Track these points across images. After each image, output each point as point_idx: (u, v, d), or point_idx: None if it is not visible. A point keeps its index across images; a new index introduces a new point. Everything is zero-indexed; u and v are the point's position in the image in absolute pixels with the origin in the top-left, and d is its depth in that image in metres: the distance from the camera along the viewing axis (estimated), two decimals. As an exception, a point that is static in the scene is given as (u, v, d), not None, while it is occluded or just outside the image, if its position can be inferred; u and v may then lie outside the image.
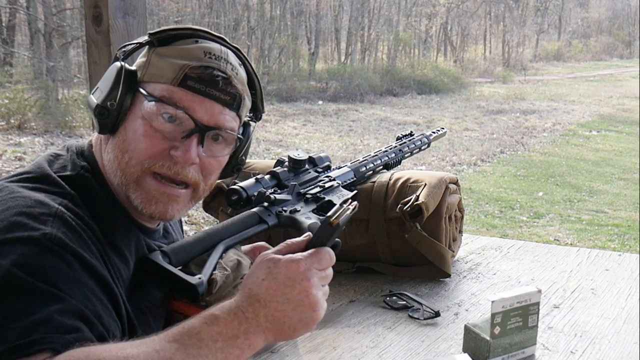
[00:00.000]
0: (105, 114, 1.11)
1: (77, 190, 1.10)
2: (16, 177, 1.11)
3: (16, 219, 0.99)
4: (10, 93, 10.17)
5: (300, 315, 0.95)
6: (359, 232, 1.73)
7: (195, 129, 1.11)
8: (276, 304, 0.94)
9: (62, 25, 11.69)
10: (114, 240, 1.12)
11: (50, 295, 0.93)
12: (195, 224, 5.95)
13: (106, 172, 1.15)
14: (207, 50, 1.13)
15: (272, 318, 0.94)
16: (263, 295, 0.94)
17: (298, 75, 16.62)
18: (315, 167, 1.65)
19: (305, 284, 0.94)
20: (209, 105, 1.11)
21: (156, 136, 1.10)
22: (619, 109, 15.57)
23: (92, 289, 1.00)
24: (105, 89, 1.13)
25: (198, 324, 0.93)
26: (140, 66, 1.15)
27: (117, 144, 1.13)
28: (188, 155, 1.11)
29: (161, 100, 1.10)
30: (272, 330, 0.95)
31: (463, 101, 15.99)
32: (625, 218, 6.81)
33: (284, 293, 0.94)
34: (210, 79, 1.11)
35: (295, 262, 0.95)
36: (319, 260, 0.97)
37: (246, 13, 16.60)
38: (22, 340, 0.88)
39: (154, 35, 1.15)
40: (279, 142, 10.21)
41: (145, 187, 1.12)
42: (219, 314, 0.94)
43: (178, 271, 1.17)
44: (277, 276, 0.95)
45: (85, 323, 0.94)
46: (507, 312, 1.23)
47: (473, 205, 7.13)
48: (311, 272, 0.96)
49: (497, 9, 25.65)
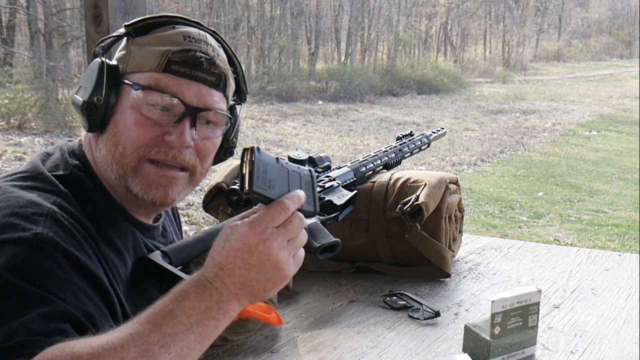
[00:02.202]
0: (93, 110, 1.11)
1: (70, 189, 1.10)
2: (10, 177, 1.11)
3: (8, 219, 0.99)
4: (10, 93, 10.17)
5: (266, 277, 0.93)
6: (359, 232, 1.73)
7: (187, 112, 1.11)
8: (239, 270, 0.91)
9: (62, 25, 11.68)
10: (110, 238, 1.11)
11: (37, 297, 0.92)
12: (195, 224, 5.94)
13: (99, 169, 1.15)
14: (186, 34, 1.14)
15: (239, 284, 0.92)
16: (225, 264, 0.92)
17: (298, 75, 16.62)
18: (315, 167, 1.65)
19: (262, 247, 0.91)
20: (196, 87, 1.12)
21: (147, 123, 1.10)
22: (619, 109, 15.57)
23: (83, 289, 0.99)
24: (89, 86, 1.12)
25: (169, 301, 0.91)
26: (121, 58, 1.15)
27: (108, 139, 1.13)
28: (183, 138, 1.11)
29: (149, 88, 1.09)
30: (243, 295, 0.93)
31: (463, 101, 15.99)
32: (625, 218, 6.81)
33: (243, 259, 0.91)
34: (194, 61, 1.11)
35: (249, 226, 0.91)
36: (272, 217, 0.92)
37: (246, 13, 16.60)
38: (3, 344, 0.87)
39: (130, 26, 1.15)
40: (279, 142, 10.21)
41: (144, 172, 1.12)
42: (187, 289, 0.92)
43: (178, 271, 1.17)
44: (234, 243, 0.92)
45: (74, 325, 0.93)
46: (507, 312, 1.23)
47: (473, 205, 7.13)
48: (266, 232, 0.91)
49: (497, 9, 25.66)
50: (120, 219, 1.16)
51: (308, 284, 1.66)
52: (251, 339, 1.37)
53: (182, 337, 0.89)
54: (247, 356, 1.30)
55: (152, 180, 1.12)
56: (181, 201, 1.21)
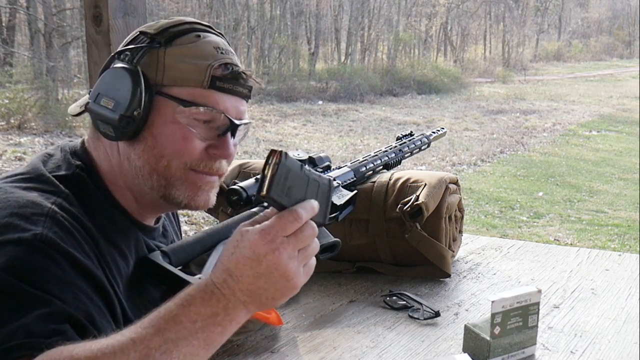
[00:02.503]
0: (131, 123, 1.10)
1: (72, 189, 1.09)
2: (10, 178, 1.11)
3: (7, 220, 0.99)
4: (10, 93, 10.16)
5: (274, 286, 0.92)
6: (359, 232, 1.73)
7: (230, 127, 1.14)
8: (247, 278, 0.90)
9: (62, 25, 11.69)
10: (113, 238, 1.11)
11: (36, 298, 0.92)
12: (195, 224, 5.95)
13: (105, 174, 1.15)
14: (215, 45, 1.15)
15: (247, 292, 0.91)
16: (234, 270, 0.90)
17: (298, 75, 16.62)
18: (315, 167, 1.65)
19: (271, 257, 0.90)
20: (235, 101, 1.15)
21: (194, 138, 1.12)
22: (619, 109, 15.57)
23: (83, 289, 0.99)
24: (123, 97, 1.10)
25: (174, 306, 0.90)
26: (152, 68, 1.12)
27: (146, 151, 1.12)
28: (228, 152, 1.15)
29: (196, 104, 1.11)
30: (252, 303, 0.92)
31: (463, 101, 15.99)
32: (625, 218, 6.81)
33: (252, 267, 0.90)
34: (234, 77, 1.14)
35: (259, 234, 0.90)
36: (283, 226, 0.90)
37: (246, 13, 16.60)
38: (2, 345, 0.87)
39: (157, 35, 1.13)
40: (279, 142, 10.20)
41: (191, 180, 1.14)
42: (194, 294, 0.91)
43: (178, 271, 1.18)
44: (243, 250, 0.90)
45: (73, 325, 0.93)
46: (507, 312, 1.23)
47: (473, 205, 7.13)
48: (276, 242, 0.90)
49: (497, 9, 25.66)
50: (123, 219, 1.16)
51: (308, 284, 1.64)
52: (251, 339, 1.37)
53: (185, 343, 0.88)
54: (247, 356, 1.30)
55: (199, 187, 1.15)
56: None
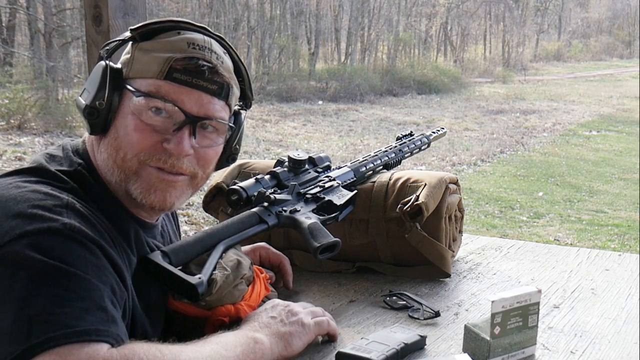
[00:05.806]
0: (95, 114, 1.11)
1: (76, 185, 1.11)
2: (15, 174, 1.11)
3: (32, 211, 0.99)
4: (10, 93, 10.16)
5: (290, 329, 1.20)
6: (359, 232, 1.73)
7: (186, 121, 1.11)
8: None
9: (62, 25, 11.68)
10: (117, 232, 1.12)
11: (86, 282, 0.94)
12: (195, 224, 5.94)
13: (101, 171, 1.16)
14: (190, 41, 1.13)
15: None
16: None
17: (298, 75, 16.62)
18: (315, 167, 1.65)
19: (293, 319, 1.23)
20: (197, 95, 1.12)
21: (147, 130, 1.11)
22: (619, 109, 15.57)
23: (114, 276, 1.02)
24: (92, 89, 1.12)
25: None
26: (125, 63, 1.15)
27: (109, 143, 1.13)
28: (181, 147, 1.11)
29: (149, 95, 1.10)
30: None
31: (463, 101, 15.99)
32: (625, 218, 6.81)
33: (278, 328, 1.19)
34: (196, 70, 1.11)
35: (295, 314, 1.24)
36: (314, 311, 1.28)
37: (246, 13, 16.59)
38: (74, 328, 0.89)
39: (135, 30, 1.15)
40: (279, 142, 10.20)
41: (145, 176, 1.12)
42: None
43: (178, 271, 1.18)
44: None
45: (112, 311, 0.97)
46: (507, 312, 1.23)
47: (473, 205, 7.13)
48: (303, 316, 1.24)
49: (497, 9, 25.65)
50: (124, 216, 1.16)
51: (308, 284, 1.66)
52: (251, 339, 1.36)
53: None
54: (247, 356, 1.30)
55: (152, 184, 1.13)
56: (181, 205, 1.22)
